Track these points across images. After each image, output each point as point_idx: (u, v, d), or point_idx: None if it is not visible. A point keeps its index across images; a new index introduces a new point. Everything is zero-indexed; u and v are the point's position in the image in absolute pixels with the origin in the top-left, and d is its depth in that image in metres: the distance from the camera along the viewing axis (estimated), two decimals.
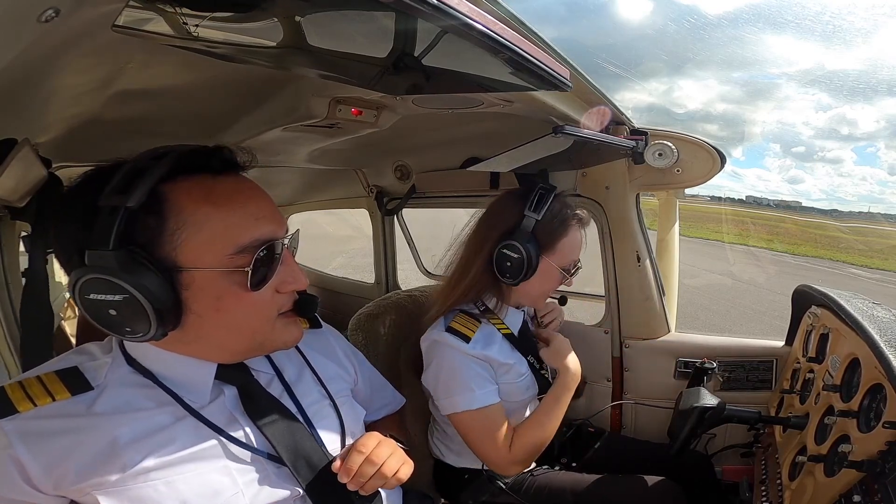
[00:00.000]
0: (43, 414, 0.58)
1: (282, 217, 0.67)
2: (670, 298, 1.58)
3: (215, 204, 0.59)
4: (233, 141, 1.11)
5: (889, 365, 0.76)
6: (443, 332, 1.11)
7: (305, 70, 0.77)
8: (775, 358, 1.40)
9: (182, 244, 0.57)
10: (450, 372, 1.09)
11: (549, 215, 1.12)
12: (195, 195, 0.59)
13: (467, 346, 1.09)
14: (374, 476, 0.67)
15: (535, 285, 1.14)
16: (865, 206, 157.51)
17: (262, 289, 0.62)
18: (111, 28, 0.50)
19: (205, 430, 0.64)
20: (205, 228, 0.58)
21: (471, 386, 1.07)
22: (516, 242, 1.08)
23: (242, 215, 0.61)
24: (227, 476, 0.62)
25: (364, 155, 1.74)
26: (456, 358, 1.09)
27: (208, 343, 0.64)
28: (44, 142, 0.81)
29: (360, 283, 2.51)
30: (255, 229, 0.61)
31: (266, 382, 0.72)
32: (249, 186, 0.66)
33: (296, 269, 0.67)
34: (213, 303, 0.60)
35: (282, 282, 0.65)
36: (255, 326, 0.64)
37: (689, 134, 1.32)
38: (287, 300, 0.67)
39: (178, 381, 0.65)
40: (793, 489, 0.87)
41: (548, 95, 0.95)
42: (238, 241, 0.59)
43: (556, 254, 1.13)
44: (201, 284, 0.59)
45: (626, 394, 1.55)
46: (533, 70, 0.62)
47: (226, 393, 0.67)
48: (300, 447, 0.68)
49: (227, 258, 0.59)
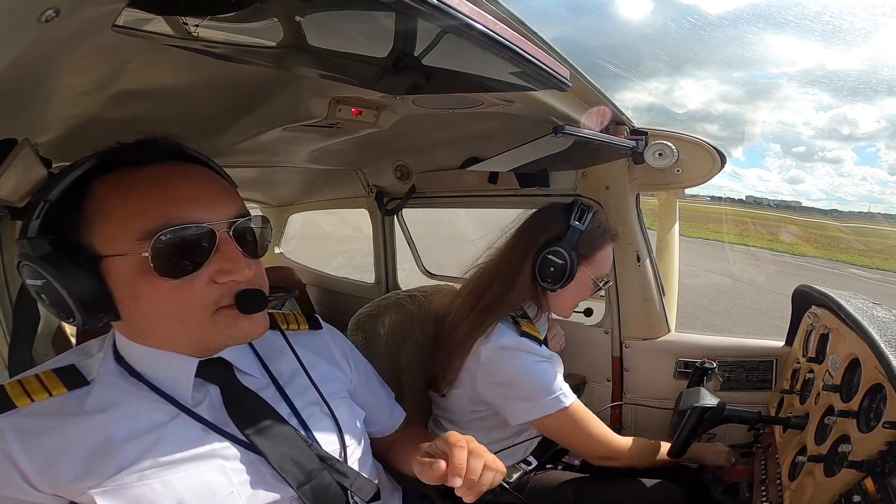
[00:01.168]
0: (39, 410, 0.58)
1: (230, 202, 0.64)
2: (670, 298, 1.58)
3: (128, 191, 0.59)
4: (233, 141, 1.11)
5: (889, 365, 0.76)
6: (518, 337, 1.12)
7: (305, 70, 0.77)
8: (775, 358, 1.40)
9: (97, 233, 0.58)
10: (532, 376, 1.10)
11: (591, 227, 1.16)
12: (111, 185, 0.60)
13: (543, 349, 1.13)
14: (484, 470, 0.64)
15: (570, 294, 1.20)
16: (865, 206, 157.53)
17: (186, 278, 0.59)
18: (111, 28, 0.50)
19: (199, 428, 0.63)
20: (115, 215, 0.58)
21: (558, 386, 1.10)
22: (561, 249, 1.13)
23: (157, 200, 0.59)
24: (223, 476, 0.62)
25: (364, 155, 1.74)
26: (537, 362, 1.11)
27: (155, 334, 0.63)
28: (44, 142, 0.81)
29: (360, 283, 2.50)
30: (170, 213, 0.58)
31: (255, 383, 0.71)
32: (180, 172, 0.63)
33: (235, 259, 0.62)
34: (129, 290, 0.59)
35: (216, 271, 0.60)
36: (182, 317, 0.60)
37: (690, 134, 1.32)
38: (226, 292, 0.61)
39: (160, 377, 0.64)
40: (793, 489, 0.87)
41: (548, 95, 0.95)
42: (145, 227, 0.57)
43: (592, 264, 1.18)
44: (118, 272, 0.58)
45: (626, 394, 1.55)
46: (533, 70, 0.62)
47: (211, 392, 0.67)
48: (286, 448, 0.66)
49: (136, 244, 0.57)
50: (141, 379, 0.64)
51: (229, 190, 0.67)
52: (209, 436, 0.63)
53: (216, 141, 1.11)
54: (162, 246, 0.57)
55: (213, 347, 0.67)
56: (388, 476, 0.86)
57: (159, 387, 0.64)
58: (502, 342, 1.11)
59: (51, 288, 0.57)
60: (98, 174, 0.60)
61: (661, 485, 1.16)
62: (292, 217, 2.74)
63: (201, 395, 0.66)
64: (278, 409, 0.70)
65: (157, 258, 0.57)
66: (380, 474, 0.83)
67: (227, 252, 0.61)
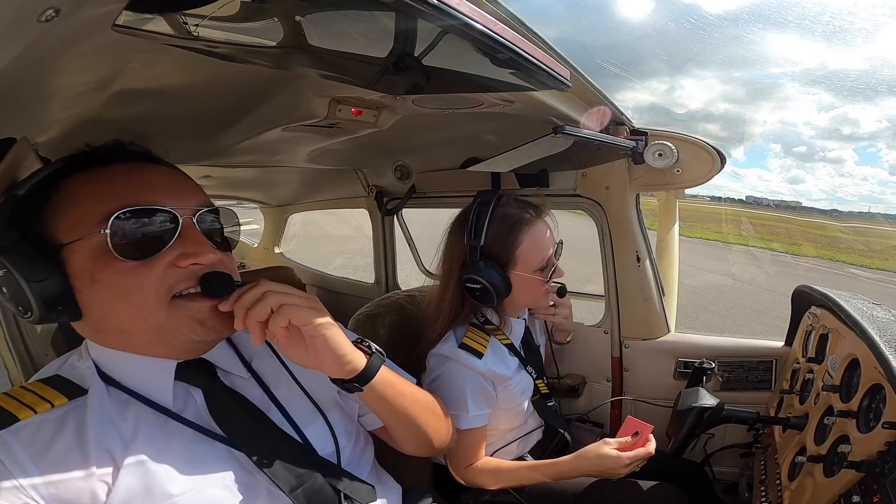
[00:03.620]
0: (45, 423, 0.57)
1: (196, 194, 0.65)
2: (670, 298, 1.58)
3: (94, 182, 0.61)
4: (233, 141, 1.11)
5: (889, 365, 0.76)
6: (455, 348, 1.09)
7: (305, 70, 0.77)
8: (775, 358, 1.40)
9: (61, 222, 0.59)
10: (452, 389, 1.08)
11: (492, 234, 1.09)
12: (78, 180, 0.61)
13: (479, 363, 1.09)
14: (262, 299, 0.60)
15: (520, 296, 1.15)
16: (866, 207, 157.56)
17: (146, 260, 0.58)
18: (111, 28, 0.50)
19: (191, 435, 0.62)
20: (80, 204, 0.59)
21: (467, 407, 1.07)
22: (472, 274, 1.08)
23: (123, 187, 0.60)
24: (226, 490, 0.61)
25: (364, 155, 1.74)
26: (464, 376, 1.08)
27: (115, 325, 0.61)
28: (44, 141, 0.81)
29: (359, 283, 2.50)
30: (132, 197, 0.59)
31: (240, 383, 0.69)
32: (148, 168, 0.64)
33: (199, 242, 0.61)
34: (88, 275, 0.58)
35: (178, 255, 0.60)
36: (138, 303, 0.58)
37: (689, 134, 1.32)
38: (186, 276, 0.60)
39: (138, 383, 0.63)
40: (792, 489, 0.87)
41: (548, 95, 0.95)
42: (107, 208, 0.57)
43: (520, 262, 1.11)
44: (78, 257, 0.58)
45: (625, 394, 1.55)
46: (533, 70, 0.62)
47: (195, 397, 0.65)
48: (275, 452, 0.65)
49: (97, 225, 0.57)
50: (122, 388, 0.62)
51: (195, 185, 0.67)
52: (203, 445, 0.62)
53: (216, 141, 1.11)
54: (121, 224, 0.57)
55: (180, 345, 0.63)
56: (389, 474, 0.86)
57: (142, 394, 0.62)
58: (441, 349, 1.12)
59: (10, 278, 0.57)
60: (67, 174, 0.62)
61: (660, 486, 1.16)
62: (292, 217, 2.74)
63: (185, 400, 0.64)
64: (268, 413, 0.68)
65: (114, 236, 0.57)
66: (380, 473, 0.83)
67: (191, 237, 0.61)
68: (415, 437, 0.84)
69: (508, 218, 1.11)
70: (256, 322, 0.60)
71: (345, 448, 0.74)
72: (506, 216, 1.11)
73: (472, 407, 1.08)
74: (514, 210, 1.12)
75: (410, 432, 0.83)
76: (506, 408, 1.18)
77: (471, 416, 1.08)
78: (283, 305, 0.61)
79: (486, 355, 1.10)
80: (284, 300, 0.61)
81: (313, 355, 0.64)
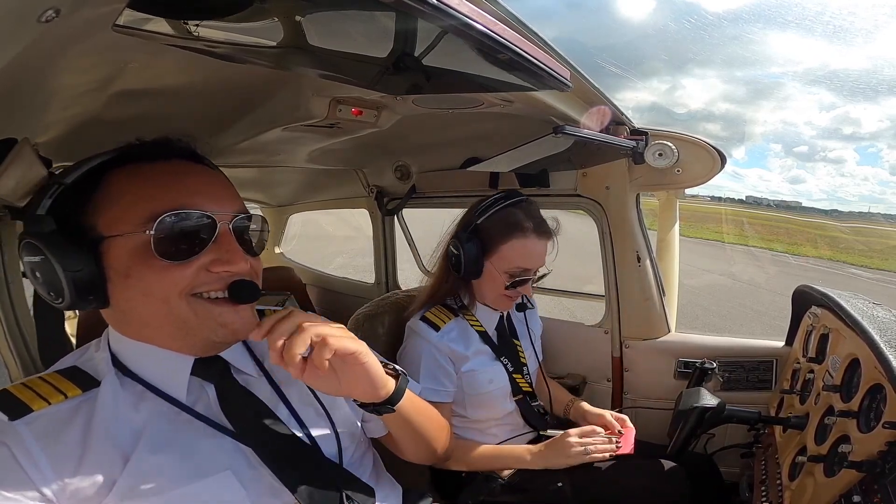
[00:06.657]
0: (59, 414, 0.58)
1: (234, 200, 0.66)
2: (670, 298, 1.58)
3: (140, 179, 0.61)
4: (233, 141, 1.11)
5: (889, 365, 0.76)
6: (417, 320, 1.18)
7: (306, 70, 0.77)
8: (775, 358, 1.40)
9: (103, 215, 0.60)
10: (411, 359, 1.15)
11: (491, 220, 1.16)
12: (124, 175, 0.62)
13: (435, 336, 1.15)
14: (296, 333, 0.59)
15: (484, 286, 1.21)
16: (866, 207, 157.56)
17: (182, 262, 0.59)
18: (111, 28, 0.50)
19: (203, 428, 0.63)
20: (125, 199, 0.60)
21: (418, 377, 1.12)
22: (458, 240, 1.16)
23: (167, 188, 0.61)
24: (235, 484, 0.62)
25: (364, 155, 1.74)
26: (422, 347, 1.15)
27: (140, 317, 0.62)
28: (44, 142, 0.81)
29: (360, 283, 2.50)
30: (178, 200, 0.60)
31: (252, 381, 0.71)
32: (192, 169, 0.65)
33: (233, 250, 0.62)
34: (124, 269, 0.59)
35: (212, 261, 0.61)
36: (164, 297, 0.60)
37: (690, 134, 1.32)
38: (215, 280, 0.62)
39: (154, 376, 0.64)
40: (793, 489, 0.87)
41: (548, 95, 0.95)
42: (152, 209, 0.59)
43: (496, 257, 1.16)
44: (117, 252, 0.59)
45: (626, 394, 1.55)
46: (533, 70, 0.62)
47: (208, 392, 0.66)
48: (283, 449, 0.66)
49: (141, 225, 0.59)
50: (137, 379, 0.64)
51: (234, 190, 0.69)
52: (211, 438, 0.63)
53: (216, 141, 1.11)
54: (166, 227, 0.58)
55: (199, 342, 0.65)
56: (389, 475, 0.86)
57: (156, 385, 0.64)
58: (409, 323, 1.21)
59: (47, 265, 0.58)
60: (113, 167, 0.62)
61: (660, 477, 1.16)
62: (292, 217, 2.74)
63: (197, 394, 0.66)
64: (276, 411, 0.69)
65: (158, 238, 0.58)
66: (380, 474, 0.83)
67: (225, 244, 0.63)
68: (423, 448, 0.86)
69: (512, 216, 1.17)
70: (294, 356, 0.59)
71: (347, 449, 0.75)
72: (511, 214, 1.17)
73: (423, 378, 1.12)
74: (521, 216, 1.17)
75: (420, 445, 0.85)
76: (472, 394, 1.19)
77: (421, 388, 1.07)
78: (326, 337, 0.60)
79: (442, 330, 1.17)
80: (325, 331, 0.60)
81: (349, 384, 0.65)
